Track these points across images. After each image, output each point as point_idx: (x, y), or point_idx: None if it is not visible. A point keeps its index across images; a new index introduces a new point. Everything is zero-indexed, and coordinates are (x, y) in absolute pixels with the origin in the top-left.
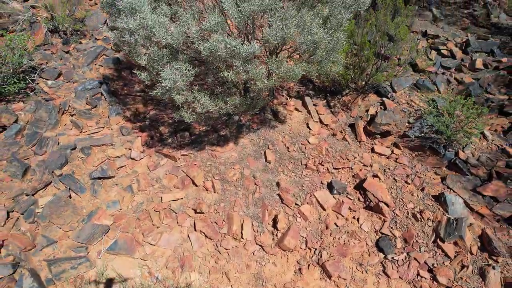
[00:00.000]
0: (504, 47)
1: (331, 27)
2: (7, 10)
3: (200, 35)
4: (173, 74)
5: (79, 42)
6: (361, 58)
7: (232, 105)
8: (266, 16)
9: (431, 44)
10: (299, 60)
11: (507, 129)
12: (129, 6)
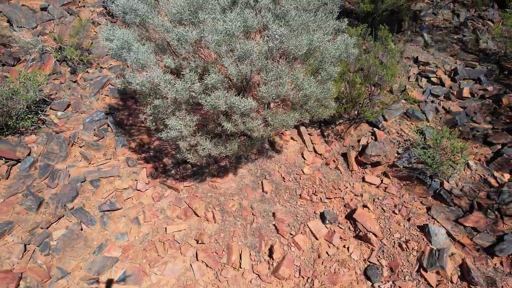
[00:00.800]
0: (491, 74)
1: (321, 79)
2: (19, 43)
3: (203, 90)
4: (178, 125)
5: (86, 71)
6: (352, 94)
7: (231, 149)
8: (262, 74)
9: (421, 71)
10: (291, 108)
11: (490, 159)
12: (137, 61)
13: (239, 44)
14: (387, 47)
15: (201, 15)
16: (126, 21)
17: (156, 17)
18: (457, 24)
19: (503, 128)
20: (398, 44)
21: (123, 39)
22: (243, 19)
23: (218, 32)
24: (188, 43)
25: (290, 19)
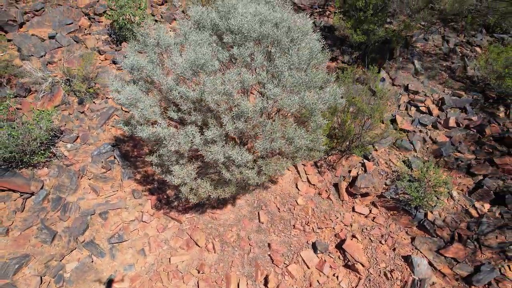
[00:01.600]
0: (476, 103)
1: (311, 129)
2: (32, 77)
3: (203, 142)
4: (181, 173)
5: (92, 101)
6: (343, 131)
7: (230, 191)
8: (257, 130)
9: (411, 100)
10: (284, 157)
11: (472, 189)
12: (143, 116)
13: (236, 104)
14: (375, 87)
15: (202, 75)
16: (134, 75)
17: (161, 74)
18: (446, 51)
19: (485, 158)
20: (390, 72)
21: (131, 97)
22: (240, 79)
23: (217, 92)
24: (189, 100)
25: (283, 79)
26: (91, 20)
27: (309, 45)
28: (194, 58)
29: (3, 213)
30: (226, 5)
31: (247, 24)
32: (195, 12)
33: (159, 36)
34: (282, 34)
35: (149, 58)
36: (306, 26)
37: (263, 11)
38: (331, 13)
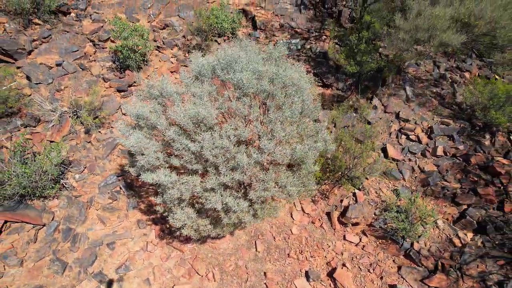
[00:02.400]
0: (463, 131)
1: (303, 175)
2: (41, 111)
3: (203, 189)
4: (182, 217)
5: (98, 131)
6: (335, 165)
7: (228, 230)
8: (253, 179)
9: (402, 128)
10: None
11: (456, 218)
12: (148, 164)
13: (232, 156)
14: (364, 124)
15: (202, 127)
16: (140, 124)
17: (164, 123)
18: (437, 76)
19: (469, 188)
20: (383, 98)
21: (137, 145)
22: (236, 133)
23: (215, 146)
24: (190, 151)
25: (276, 133)
26: (96, 47)
27: (302, 98)
28: (194, 113)
29: (18, 244)
30: (227, 58)
31: (245, 81)
32: (196, 65)
33: (162, 88)
34: (277, 89)
35: (153, 108)
36: (300, 81)
37: (260, 68)
38: (327, 37)
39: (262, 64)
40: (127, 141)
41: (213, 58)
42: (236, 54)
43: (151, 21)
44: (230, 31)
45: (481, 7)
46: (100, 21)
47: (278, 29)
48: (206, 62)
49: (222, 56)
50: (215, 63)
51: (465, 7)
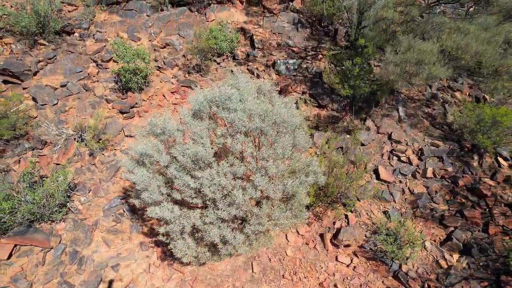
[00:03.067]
0: (452, 153)
1: (295, 207)
2: (49, 135)
3: (203, 223)
4: (183, 248)
5: (102, 153)
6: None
7: (225, 258)
8: (248, 213)
9: (394, 149)
10: None
11: (443, 240)
12: (152, 200)
13: (229, 192)
14: (358, 146)
15: (200, 164)
16: (143, 160)
17: (166, 161)
18: (429, 96)
19: (456, 210)
20: (376, 119)
21: (141, 183)
22: (232, 171)
23: (213, 184)
24: (190, 188)
25: (269, 169)
26: (99, 67)
27: (293, 134)
28: (193, 152)
29: (27, 267)
30: (222, 96)
31: (237, 121)
32: (195, 101)
33: (164, 126)
34: (269, 127)
35: (156, 147)
36: (291, 119)
37: (251, 107)
38: (323, 56)
39: (254, 98)
40: (132, 177)
41: (210, 92)
42: (230, 92)
43: (152, 40)
44: (229, 51)
45: (467, 41)
46: (103, 40)
47: (275, 47)
48: (203, 98)
49: (217, 94)
50: (213, 96)
51: (452, 41)
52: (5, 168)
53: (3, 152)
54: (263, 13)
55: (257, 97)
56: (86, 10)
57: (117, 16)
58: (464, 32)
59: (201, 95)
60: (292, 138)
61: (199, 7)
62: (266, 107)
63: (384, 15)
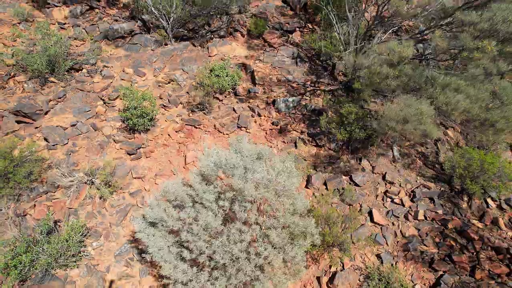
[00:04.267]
0: (443, 194)
1: (293, 266)
2: (63, 183)
3: None
4: None
5: (112, 196)
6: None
7: None
8: (253, 277)
9: (387, 190)
10: None
11: (433, 284)
12: (163, 259)
13: (236, 259)
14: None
15: (210, 232)
16: (156, 223)
17: (178, 225)
18: None
19: (446, 254)
20: (371, 159)
21: (154, 246)
22: (240, 238)
23: (224, 251)
24: (202, 252)
25: (271, 238)
26: (106, 105)
27: (293, 201)
28: (205, 224)
29: None
30: (228, 164)
31: (247, 192)
32: (204, 167)
33: (176, 194)
34: (272, 196)
35: (169, 214)
36: (290, 187)
37: (251, 176)
38: (322, 92)
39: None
40: (145, 238)
41: (217, 157)
42: (235, 161)
43: (156, 75)
44: (230, 88)
45: (457, 99)
46: (110, 77)
47: (276, 83)
48: (211, 163)
49: (224, 162)
50: (219, 162)
51: (445, 96)
52: (22, 213)
53: (19, 196)
54: (263, 47)
55: (259, 161)
56: (93, 45)
57: (122, 50)
58: (454, 87)
59: (209, 160)
60: (292, 205)
61: (201, 41)
62: (270, 177)
63: (377, 70)
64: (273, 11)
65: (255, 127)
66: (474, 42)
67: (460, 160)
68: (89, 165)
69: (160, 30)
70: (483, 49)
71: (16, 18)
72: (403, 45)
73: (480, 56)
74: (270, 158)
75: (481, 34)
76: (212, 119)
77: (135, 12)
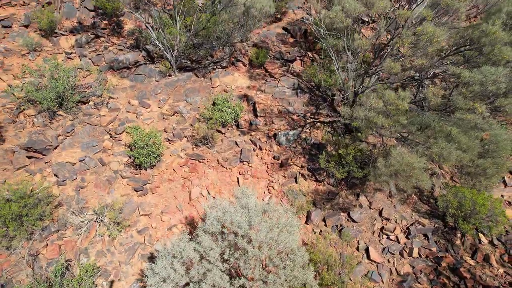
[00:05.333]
0: (437, 230)
1: None
2: (74, 222)
3: None
4: None
5: (120, 234)
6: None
7: None
8: None
9: (384, 226)
10: None
11: None
12: None
13: None
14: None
15: None
16: (165, 278)
17: (185, 279)
18: None
19: None
20: (368, 195)
21: None
22: None
23: None
24: None
25: None
26: (113, 139)
27: (293, 255)
28: (212, 282)
29: None
30: (234, 223)
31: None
32: (209, 225)
33: (183, 255)
34: (274, 255)
35: (176, 272)
36: (291, 245)
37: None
38: (321, 124)
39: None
40: None
41: (221, 212)
42: (240, 220)
43: (161, 107)
44: (233, 121)
45: (449, 151)
46: (116, 109)
47: (276, 115)
48: (216, 221)
49: (229, 220)
50: (224, 220)
51: (438, 147)
52: (35, 253)
53: (31, 234)
54: (265, 77)
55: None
56: (99, 76)
57: (127, 80)
58: (446, 134)
59: (215, 218)
60: (293, 260)
61: (204, 72)
62: (272, 234)
63: (374, 120)
64: (274, 39)
65: (257, 161)
66: (466, 103)
67: (453, 200)
68: (98, 203)
69: (164, 61)
70: (474, 109)
71: (25, 48)
72: (399, 97)
73: (472, 117)
74: (277, 216)
75: (472, 95)
76: (216, 153)
77: (139, 42)
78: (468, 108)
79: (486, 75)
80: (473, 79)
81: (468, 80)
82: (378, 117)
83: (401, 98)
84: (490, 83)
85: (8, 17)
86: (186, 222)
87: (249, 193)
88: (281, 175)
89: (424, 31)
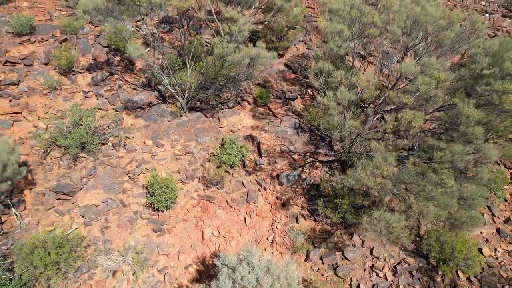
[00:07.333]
0: (421, 269)
1: None
2: (102, 262)
3: None
4: None
5: (143, 273)
6: None
7: None
8: None
9: (374, 265)
10: None
11: None
12: None
13: None
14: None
15: None
16: None
17: None
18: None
19: None
20: (361, 233)
21: None
22: None
23: None
24: None
25: None
26: (132, 180)
27: None
28: None
29: None
30: (243, 280)
31: None
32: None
33: None
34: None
35: None
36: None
37: None
38: (320, 163)
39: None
40: None
41: (231, 273)
42: (249, 276)
43: (174, 147)
44: (240, 162)
45: (429, 210)
46: (133, 150)
47: (279, 154)
48: (227, 277)
49: (239, 277)
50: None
51: (416, 206)
52: None
53: (66, 273)
54: (268, 115)
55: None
56: (115, 116)
57: (142, 120)
58: (427, 193)
59: (226, 276)
60: None
61: (212, 112)
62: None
63: (366, 183)
64: (276, 76)
65: (262, 200)
66: (437, 176)
67: (435, 244)
68: (122, 243)
69: (175, 101)
70: (445, 184)
71: (46, 87)
72: (385, 162)
73: (443, 191)
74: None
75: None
76: (225, 194)
77: (151, 81)
78: (440, 182)
79: (455, 154)
80: (444, 157)
81: (439, 160)
82: (369, 180)
83: (388, 162)
84: (459, 161)
85: (29, 55)
86: (199, 261)
87: (253, 252)
88: (284, 215)
89: (404, 116)
